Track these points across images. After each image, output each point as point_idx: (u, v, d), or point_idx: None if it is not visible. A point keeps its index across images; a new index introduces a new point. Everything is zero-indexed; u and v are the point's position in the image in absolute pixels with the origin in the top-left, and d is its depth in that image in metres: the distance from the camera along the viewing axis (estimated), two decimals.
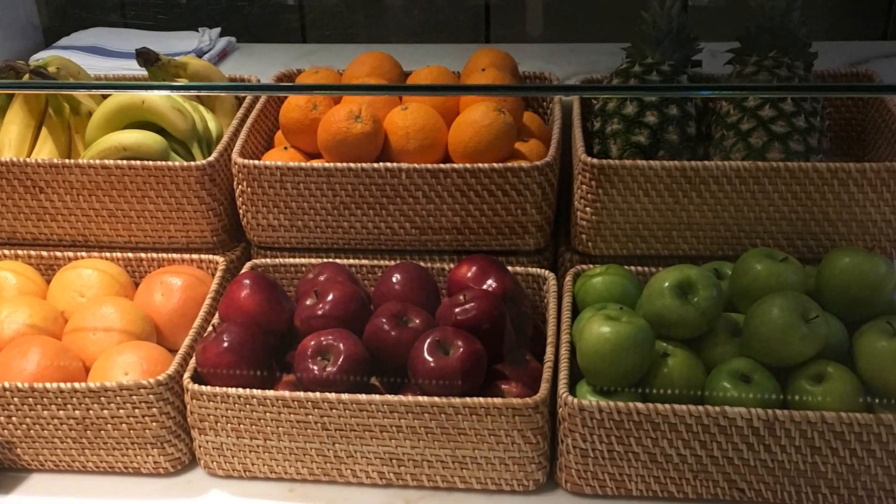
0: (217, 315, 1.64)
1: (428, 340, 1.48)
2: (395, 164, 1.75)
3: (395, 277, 1.64)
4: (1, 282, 1.79)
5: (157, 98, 1.89)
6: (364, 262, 1.77)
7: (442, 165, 1.74)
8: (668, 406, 1.41)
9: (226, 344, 1.52)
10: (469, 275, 1.64)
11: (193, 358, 1.55)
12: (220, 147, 1.85)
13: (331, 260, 1.78)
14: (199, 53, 2.50)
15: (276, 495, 1.53)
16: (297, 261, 1.79)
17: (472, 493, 1.51)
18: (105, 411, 1.52)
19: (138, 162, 1.80)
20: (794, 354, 1.45)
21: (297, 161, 1.83)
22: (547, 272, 1.72)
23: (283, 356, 1.62)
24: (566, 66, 2.31)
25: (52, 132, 1.95)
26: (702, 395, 1.47)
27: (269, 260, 1.80)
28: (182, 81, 2.03)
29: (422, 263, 1.73)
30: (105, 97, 1.96)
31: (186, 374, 1.53)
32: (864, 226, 1.71)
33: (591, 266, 1.71)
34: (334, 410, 1.47)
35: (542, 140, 1.92)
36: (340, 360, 1.49)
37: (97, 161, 1.81)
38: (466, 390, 1.46)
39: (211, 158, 1.81)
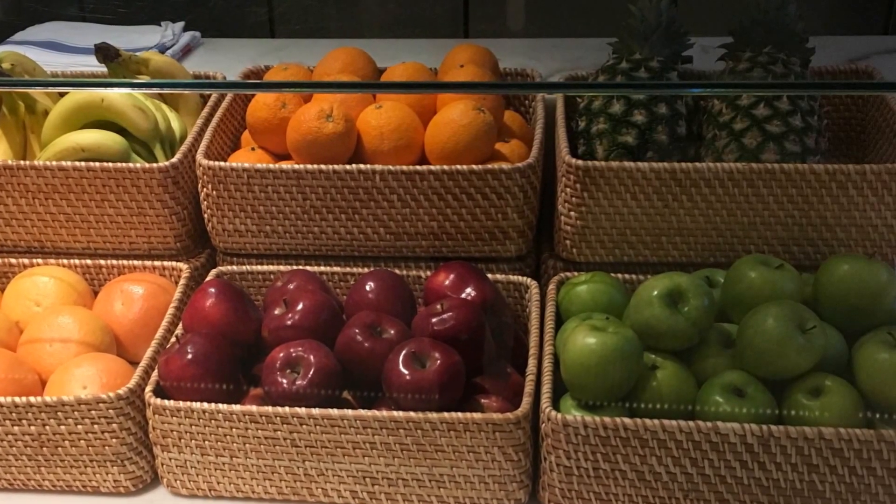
0: (181, 325, 1.64)
1: (403, 352, 1.48)
2: (368, 166, 1.75)
3: (369, 286, 1.64)
4: None
5: (117, 96, 1.88)
6: (336, 269, 1.77)
7: (418, 167, 1.74)
8: (656, 421, 1.41)
9: (190, 356, 1.52)
10: (447, 283, 1.64)
11: (156, 371, 1.55)
12: (183, 148, 1.84)
13: (301, 267, 1.77)
14: (162, 49, 2.49)
15: None
16: (266, 268, 1.79)
17: None
18: (62, 427, 1.52)
19: (97, 163, 1.79)
20: (790, 367, 1.45)
21: (265, 163, 1.83)
22: (529, 280, 1.72)
23: (251, 369, 1.62)
24: (549, 63, 2.31)
25: (5, 132, 1.94)
26: (692, 410, 1.47)
27: (235, 267, 1.79)
28: (144, 78, 2.02)
29: (397, 271, 1.73)
30: (62, 95, 1.95)
31: (148, 388, 1.53)
32: (863, 231, 1.72)
33: (575, 273, 1.71)
34: (304, 426, 1.47)
35: (523, 140, 1.92)
36: (311, 372, 1.49)
37: (54, 163, 1.80)
38: (444, 405, 1.46)
39: (174, 160, 1.80)
